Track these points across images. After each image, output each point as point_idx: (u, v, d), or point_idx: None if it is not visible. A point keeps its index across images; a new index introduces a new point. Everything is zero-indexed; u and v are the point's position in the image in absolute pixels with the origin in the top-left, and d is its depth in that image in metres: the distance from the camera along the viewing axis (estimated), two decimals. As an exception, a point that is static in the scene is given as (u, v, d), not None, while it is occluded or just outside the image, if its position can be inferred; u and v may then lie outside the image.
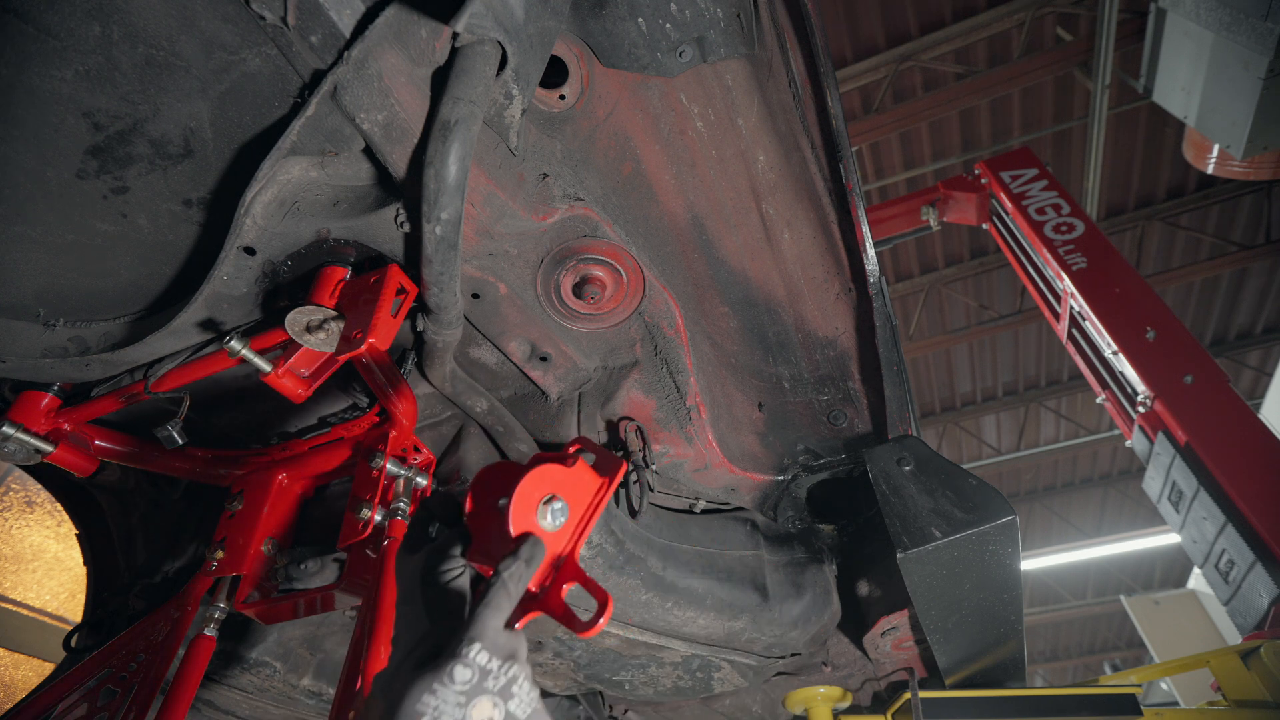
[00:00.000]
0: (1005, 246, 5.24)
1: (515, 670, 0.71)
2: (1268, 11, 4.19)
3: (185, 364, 1.20)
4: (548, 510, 0.89)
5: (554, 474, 0.91)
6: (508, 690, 0.70)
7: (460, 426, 1.56)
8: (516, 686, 0.71)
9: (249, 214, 1.00)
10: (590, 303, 1.34)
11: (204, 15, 0.88)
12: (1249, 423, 3.48)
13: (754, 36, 1.18)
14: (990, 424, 10.55)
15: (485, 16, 0.83)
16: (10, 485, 3.97)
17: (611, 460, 0.99)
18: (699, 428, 1.48)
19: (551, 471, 0.91)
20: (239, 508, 1.54)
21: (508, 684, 0.70)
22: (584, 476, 0.96)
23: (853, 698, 1.94)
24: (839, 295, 1.51)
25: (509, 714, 0.69)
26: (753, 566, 1.57)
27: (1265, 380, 8.67)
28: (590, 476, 0.96)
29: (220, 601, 1.51)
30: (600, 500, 0.94)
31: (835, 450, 1.68)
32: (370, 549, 1.37)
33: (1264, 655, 2.24)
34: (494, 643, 0.71)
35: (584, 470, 0.96)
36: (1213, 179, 7.31)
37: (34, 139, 0.98)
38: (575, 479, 0.94)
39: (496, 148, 1.07)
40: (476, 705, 0.67)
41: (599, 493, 0.95)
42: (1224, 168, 5.73)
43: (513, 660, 0.72)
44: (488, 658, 0.70)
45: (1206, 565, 3.46)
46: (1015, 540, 1.36)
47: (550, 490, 0.90)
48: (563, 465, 0.93)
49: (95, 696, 1.38)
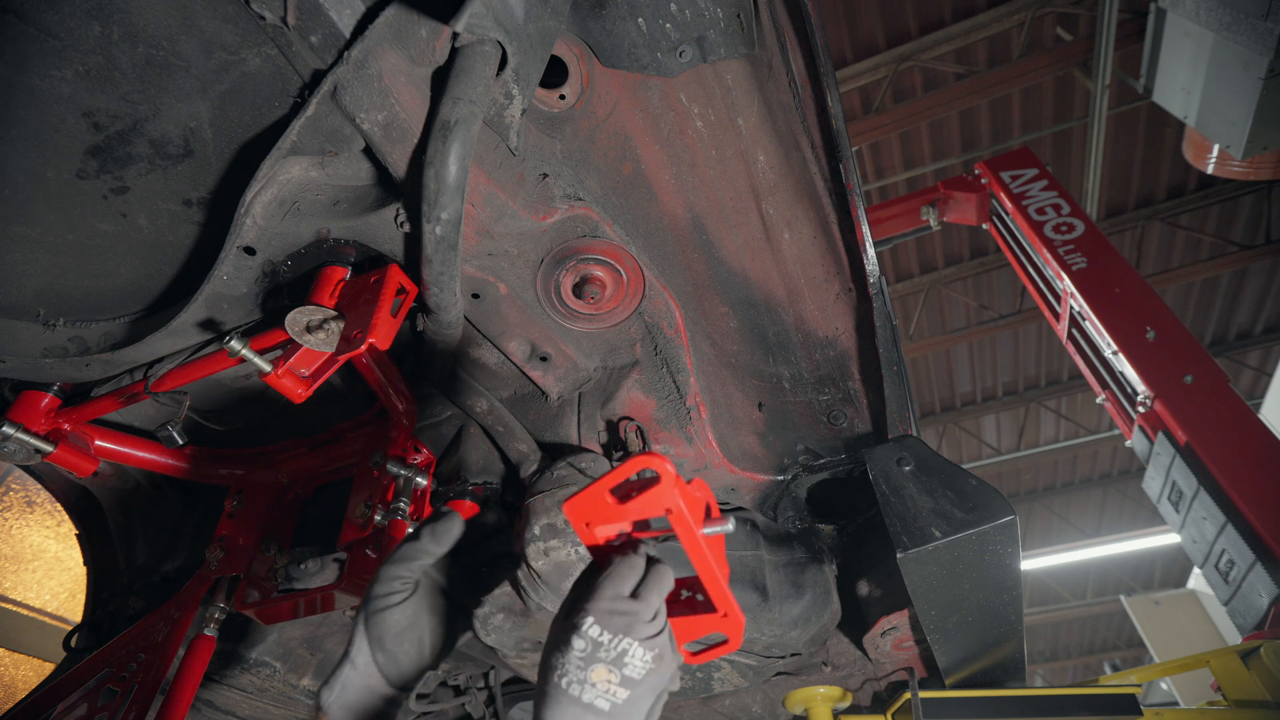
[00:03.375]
0: (1005, 246, 5.24)
1: (626, 643, 0.81)
2: (1268, 11, 4.19)
3: (185, 364, 1.20)
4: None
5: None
6: (620, 660, 0.80)
7: (460, 426, 1.56)
8: (630, 655, 0.81)
9: (249, 214, 1.01)
10: (590, 303, 1.34)
11: (204, 15, 0.88)
12: (1249, 423, 3.48)
13: (754, 36, 1.18)
14: (990, 424, 10.55)
15: (485, 16, 0.83)
16: (10, 485, 3.97)
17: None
18: (699, 428, 1.48)
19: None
20: (239, 508, 1.54)
21: (619, 655, 0.80)
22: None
23: (853, 698, 1.94)
24: (839, 295, 1.51)
25: (625, 678, 0.80)
26: (752, 566, 1.57)
27: (1265, 380, 8.66)
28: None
29: (220, 601, 1.51)
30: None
31: (835, 450, 1.68)
32: (370, 549, 1.37)
33: (1264, 655, 2.24)
34: (606, 616, 0.82)
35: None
36: (1213, 179, 7.31)
37: (34, 139, 0.98)
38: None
39: (496, 148, 1.07)
40: (594, 670, 0.79)
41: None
42: (1224, 168, 5.73)
43: (624, 633, 0.81)
44: (599, 630, 0.81)
45: (1206, 565, 3.46)
46: (1015, 540, 1.36)
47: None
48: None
49: (95, 696, 1.38)
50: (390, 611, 0.94)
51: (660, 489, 0.87)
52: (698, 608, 0.96)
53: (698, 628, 0.96)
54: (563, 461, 1.41)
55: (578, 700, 0.77)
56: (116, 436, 1.41)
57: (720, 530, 0.92)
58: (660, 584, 0.88)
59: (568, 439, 1.49)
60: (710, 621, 0.95)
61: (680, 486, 0.88)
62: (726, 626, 0.96)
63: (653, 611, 0.85)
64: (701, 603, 0.96)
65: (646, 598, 0.86)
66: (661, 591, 0.88)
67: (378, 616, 0.94)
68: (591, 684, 0.78)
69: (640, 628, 0.83)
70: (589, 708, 0.77)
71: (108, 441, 1.40)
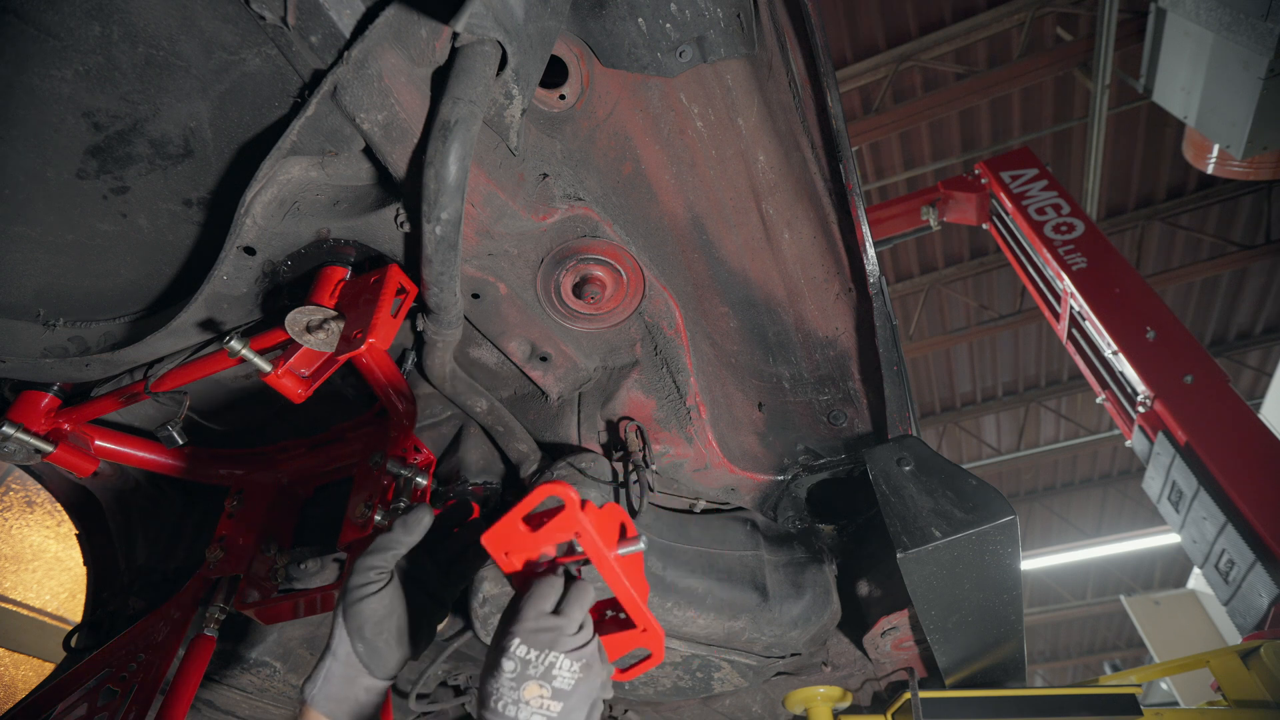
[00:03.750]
0: (1005, 246, 5.24)
1: (552, 656, 0.85)
2: (1268, 11, 4.19)
3: (185, 364, 1.20)
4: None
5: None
6: (549, 674, 0.84)
7: (460, 426, 1.56)
8: (557, 668, 0.84)
9: (249, 214, 1.00)
10: (590, 303, 1.34)
11: (204, 15, 0.88)
12: (1249, 423, 3.48)
13: (754, 36, 1.18)
14: (990, 424, 10.54)
15: (485, 16, 0.83)
16: (10, 485, 3.97)
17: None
18: (699, 428, 1.48)
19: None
20: (239, 508, 1.54)
21: (547, 669, 0.84)
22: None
23: (853, 698, 1.94)
24: (839, 295, 1.51)
25: (556, 690, 0.83)
26: (752, 566, 1.57)
27: (1265, 380, 8.66)
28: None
29: (220, 601, 1.51)
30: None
31: (835, 450, 1.68)
32: (370, 549, 1.36)
33: (1264, 655, 2.24)
34: (531, 635, 0.86)
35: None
36: (1213, 179, 7.31)
37: (34, 139, 0.98)
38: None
39: (496, 148, 1.07)
40: (525, 688, 0.82)
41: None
42: (1224, 168, 5.72)
43: (549, 648, 0.85)
44: (526, 649, 0.85)
45: (1206, 565, 3.46)
46: (1015, 540, 1.36)
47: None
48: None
49: (95, 696, 1.38)
50: (367, 601, 0.96)
51: (566, 515, 0.92)
52: (622, 625, 1.01)
53: (623, 644, 1.01)
54: (563, 462, 1.41)
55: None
56: (116, 436, 1.41)
57: (634, 550, 0.98)
58: (580, 599, 0.92)
59: (568, 439, 1.49)
60: (633, 638, 1.00)
61: (589, 512, 0.94)
62: (647, 641, 1.01)
63: (576, 625, 0.89)
64: (625, 620, 1.01)
65: (568, 612, 0.90)
66: (583, 605, 0.92)
67: (355, 607, 0.96)
68: (525, 702, 0.81)
69: (564, 640, 0.87)
70: None
71: (108, 441, 1.40)
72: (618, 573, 0.94)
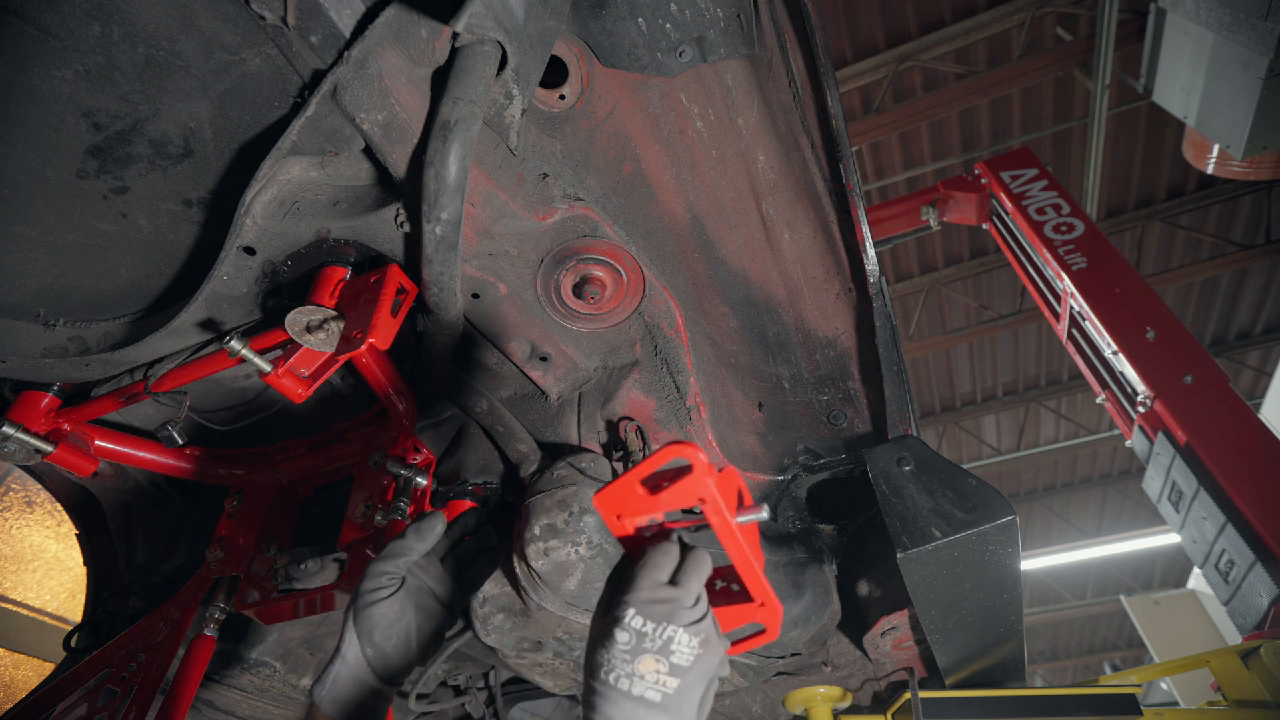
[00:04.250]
0: (1005, 246, 5.24)
1: (670, 630, 0.79)
2: (1268, 11, 4.19)
3: (185, 364, 1.20)
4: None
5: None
6: (666, 648, 0.78)
7: (460, 426, 1.56)
8: (676, 643, 0.79)
9: (249, 214, 1.01)
10: (590, 303, 1.34)
11: (204, 15, 0.88)
12: (1249, 423, 3.47)
13: (754, 36, 1.18)
14: (990, 424, 10.54)
15: (485, 16, 0.83)
16: (10, 485, 3.97)
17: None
18: (699, 428, 1.48)
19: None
20: (239, 508, 1.54)
21: (665, 643, 0.79)
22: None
23: (853, 698, 1.94)
24: (839, 295, 1.51)
25: (673, 666, 0.78)
26: (753, 566, 1.57)
27: (1265, 380, 8.66)
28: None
29: (220, 601, 1.51)
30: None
31: (835, 450, 1.68)
32: (370, 549, 1.37)
33: (1264, 655, 2.24)
34: (647, 606, 0.81)
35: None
36: (1213, 179, 7.30)
37: (34, 139, 0.98)
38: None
39: (496, 148, 1.07)
40: (641, 661, 0.78)
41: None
42: (1224, 168, 5.72)
43: (668, 621, 0.80)
44: (642, 621, 0.80)
45: (1206, 565, 3.46)
46: (1015, 540, 1.36)
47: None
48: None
49: (95, 696, 1.38)
50: (378, 605, 0.96)
51: (693, 478, 0.85)
52: (734, 598, 0.94)
53: (735, 618, 0.94)
54: (563, 461, 1.41)
55: (628, 694, 0.76)
56: (116, 436, 1.41)
57: (755, 518, 0.91)
58: (699, 569, 0.86)
59: (568, 439, 1.49)
60: (748, 611, 0.93)
61: (713, 474, 0.86)
62: (764, 616, 0.94)
63: (694, 597, 0.84)
64: (738, 593, 0.94)
65: (686, 583, 0.84)
66: (701, 576, 0.86)
67: (366, 611, 0.96)
68: (640, 676, 0.77)
69: (683, 614, 0.81)
70: (640, 701, 0.76)
71: (108, 441, 1.40)
72: (740, 542, 0.87)
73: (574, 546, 1.29)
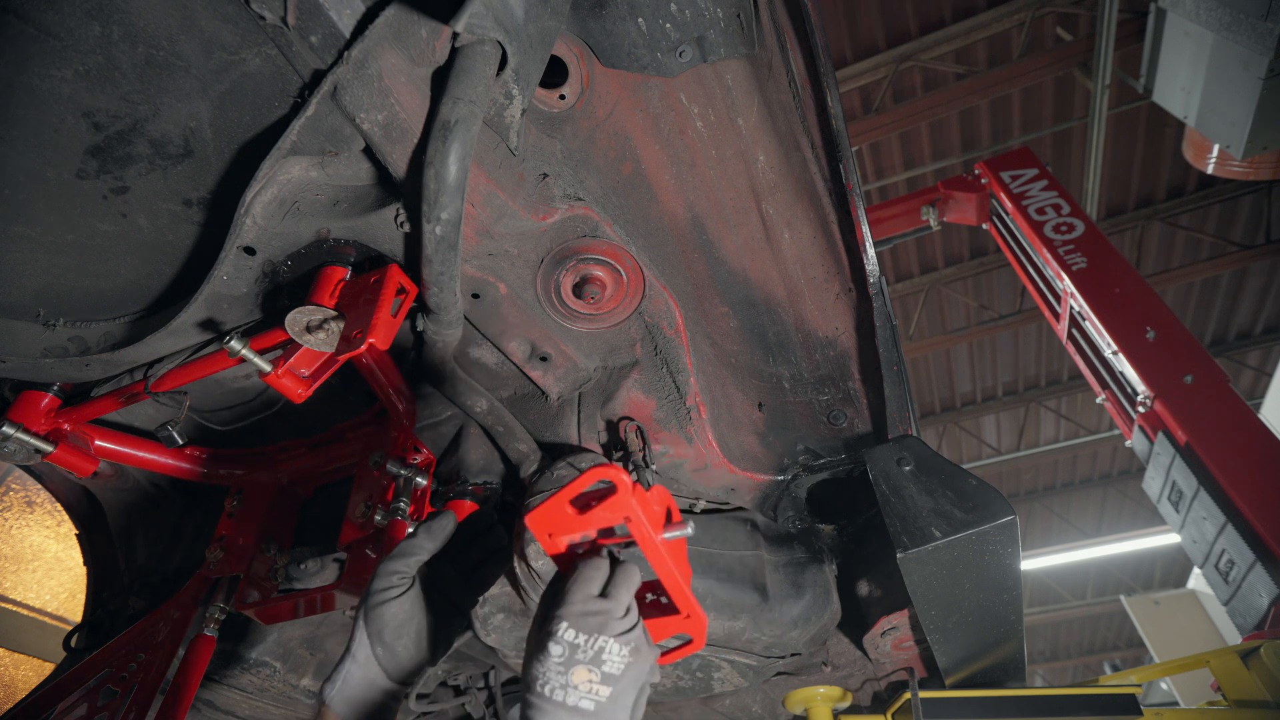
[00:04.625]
0: (1005, 246, 5.24)
1: (601, 641, 0.83)
2: (1268, 11, 4.19)
3: (185, 364, 1.20)
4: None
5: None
6: (598, 659, 0.82)
7: (460, 426, 1.56)
8: (607, 653, 0.82)
9: (249, 214, 1.01)
10: (590, 303, 1.34)
11: (204, 15, 0.88)
12: (1249, 423, 3.48)
13: (754, 36, 1.18)
14: (990, 424, 10.54)
15: (485, 16, 0.83)
16: (10, 485, 3.97)
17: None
18: (699, 428, 1.48)
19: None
20: (239, 508, 1.54)
21: (597, 653, 0.82)
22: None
23: (853, 698, 1.94)
24: (839, 295, 1.51)
25: (605, 675, 0.81)
26: (752, 566, 1.57)
27: (1265, 380, 8.66)
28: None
29: (220, 601, 1.51)
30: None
31: (835, 450, 1.68)
32: (370, 549, 1.37)
33: (1264, 655, 2.24)
34: (579, 619, 0.84)
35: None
36: (1213, 179, 7.30)
37: (34, 139, 0.98)
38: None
39: (496, 148, 1.07)
40: (574, 672, 0.81)
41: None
42: (1224, 168, 5.72)
43: (599, 632, 0.83)
44: (574, 633, 0.83)
45: (1206, 565, 3.46)
46: (1015, 540, 1.36)
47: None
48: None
49: (95, 696, 1.38)
50: (388, 605, 0.97)
51: (618, 498, 0.90)
52: (663, 610, 1.00)
53: (663, 629, 0.99)
54: (563, 461, 1.41)
55: (563, 705, 0.79)
56: (116, 436, 1.41)
57: (680, 534, 0.96)
58: (627, 581, 0.90)
59: (568, 439, 1.49)
60: (675, 623, 0.99)
61: (638, 494, 0.91)
62: (690, 627, 0.99)
63: (624, 608, 0.87)
64: (666, 605, 0.99)
65: (616, 595, 0.88)
66: (630, 587, 0.90)
67: (376, 611, 0.96)
68: (574, 686, 0.80)
69: (613, 624, 0.85)
70: (575, 710, 0.79)
71: (108, 441, 1.40)
72: (665, 557, 0.93)
73: (574, 546, 1.29)
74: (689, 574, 0.99)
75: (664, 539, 0.94)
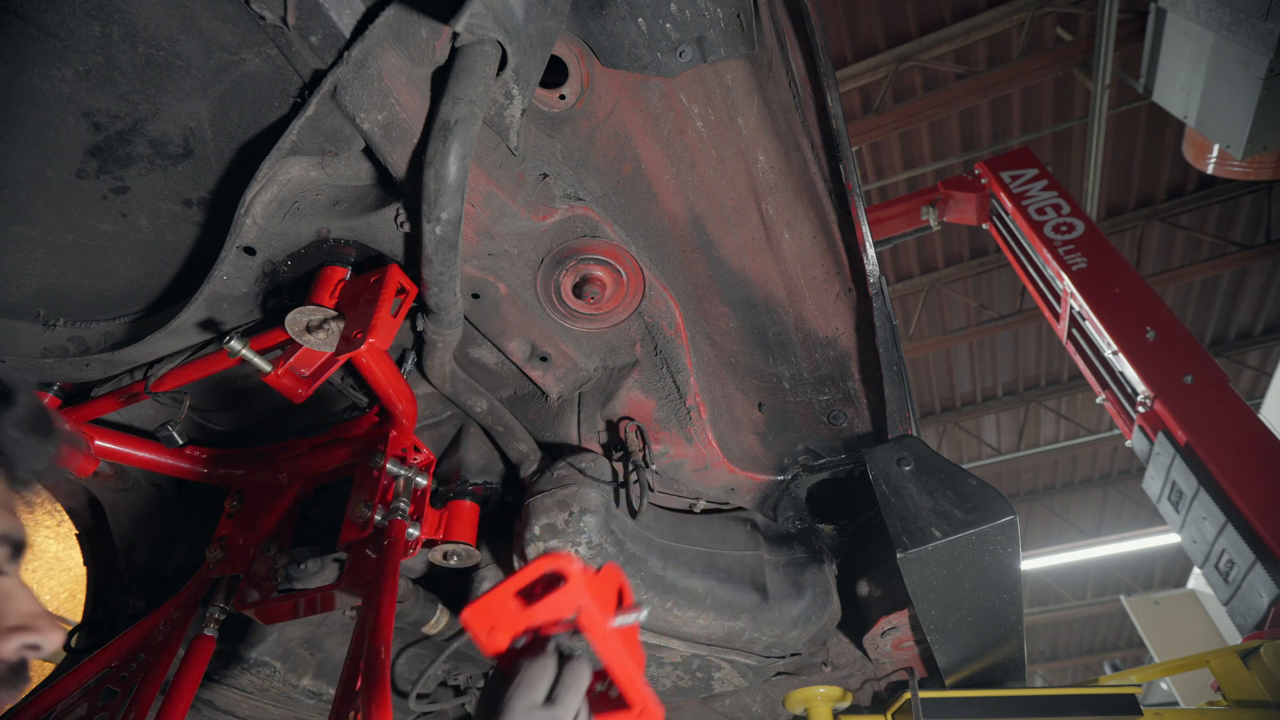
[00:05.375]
0: (1005, 246, 5.24)
1: None
2: (1268, 11, 4.19)
3: (185, 364, 1.20)
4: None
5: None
6: None
7: (460, 426, 1.56)
8: None
9: (249, 214, 1.01)
10: (590, 303, 1.34)
11: (204, 15, 0.88)
12: (1249, 423, 3.47)
13: (754, 36, 1.18)
14: (990, 424, 10.54)
15: (485, 16, 0.83)
16: (10, 485, 3.96)
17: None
18: (699, 428, 1.48)
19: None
20: (239, 508, 1.54)
21: None
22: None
23: (853, 698, 1.94)
24: (839, 295, 1.51)
25: None
26: (752, 566, 1.57)
27: (1265, 380, 8.65)
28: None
29: (220, 601, 1.51)
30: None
31: (835, 450, 1.67)
32: (370, 549, 1.37)
33: (1264, 655, 2.24)
34: None
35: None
36: (1213, 179, 7.30)
37: (34, 139, 0.98)
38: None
39: (496, 148, 1.07)
40: None
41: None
42: (1224, 168, 5.72)
43: None
44: None
45: (1206, 565, 3.46)
46: (1015, 540, 1.36)
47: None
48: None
49: (95, 696, 1.38)
50: None
51: (568, 589, 0.83)
52: (613, 704, 0.90)
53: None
54: (563, 461, 1.41)
55: None
56: (116, 436, 1.41)
57: (633, 619, 0.88)
58: (576, 683, 0.82)
59: (568, 439, 1.49)
60: (628, 718, 0.90)
61: (588, 583, 0.85)
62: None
63: (572, 713, 0.80)
64: (617, 698, 0.90)
65: (564, 699, 0.79)
66: (579, 690, 0.82)
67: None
68: None
69: None
70: None
71: (108, 441, 1.40)
72: (618, 649, 0.85)
73: (574, 546, 1.29)
74: (643, 661, 0.92)
75: (616, 625, 0.86)
